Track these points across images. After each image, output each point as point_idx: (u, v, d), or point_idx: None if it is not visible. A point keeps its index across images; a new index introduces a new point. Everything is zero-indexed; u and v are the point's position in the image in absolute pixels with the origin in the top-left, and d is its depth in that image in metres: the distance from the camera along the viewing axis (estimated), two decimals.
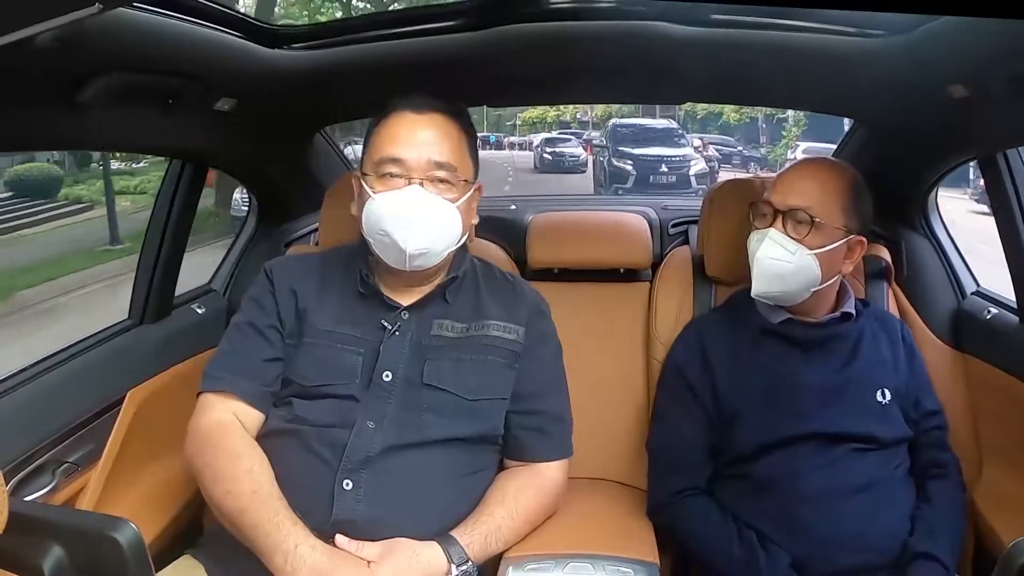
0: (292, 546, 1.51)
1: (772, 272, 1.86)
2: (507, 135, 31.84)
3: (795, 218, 1.84)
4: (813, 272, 1.84)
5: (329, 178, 2.48)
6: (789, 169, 1.97)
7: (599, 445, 2.21)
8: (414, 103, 1.77)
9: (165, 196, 2.24)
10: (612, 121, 21.65)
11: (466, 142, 1.81)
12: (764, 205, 1.91)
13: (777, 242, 1.85)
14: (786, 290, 1.88)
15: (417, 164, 1.72)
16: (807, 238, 1.83)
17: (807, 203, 1.84)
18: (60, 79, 1.50)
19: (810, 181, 1.88)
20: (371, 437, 1.66)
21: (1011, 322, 2.05)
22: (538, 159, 24.87)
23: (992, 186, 2.04)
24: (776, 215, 1.87)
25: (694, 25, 1.77)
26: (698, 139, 23.45)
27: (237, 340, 1.80)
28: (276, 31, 1.88)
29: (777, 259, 1.85)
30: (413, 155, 1.72)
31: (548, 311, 1.95)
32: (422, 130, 1.75)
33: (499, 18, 1.79)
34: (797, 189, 1.87)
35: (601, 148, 20.91)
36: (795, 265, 1.84)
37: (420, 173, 1.72)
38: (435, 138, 1.75)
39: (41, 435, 1.79)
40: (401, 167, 1.72)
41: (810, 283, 1.86)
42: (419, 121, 1.75)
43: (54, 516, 1.05)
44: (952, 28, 1.56)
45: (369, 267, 1.82)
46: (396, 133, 1.75)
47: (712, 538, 1.84)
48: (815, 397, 1.86)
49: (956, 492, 1.91)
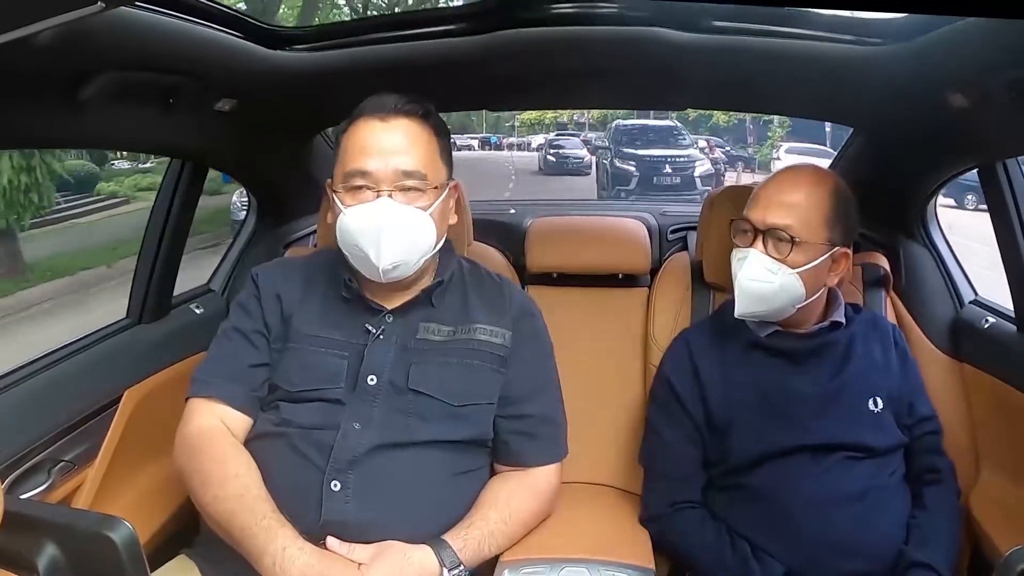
0: (280, 548, 1.50)
1: (754, 293, 1.84)
2: (506, 136, 31.84)
3: (775, 236, 1.82)
4: (796, 290, 1.83)
5: (328, 180, 2.49)
6: (768, 183, 1.91)
7: (596, 450, 2.21)
8: (380, 108, 1.73)
9: (164, 196, 2.24)
10: (615, 122, 20.83)
11: (436, 144, 1.78)
12: (743, 222, 1.88)
13: (758, 263, 1.82)
14: (770, 309, 1.86)
15: (384, 175, 1.69)
16: (788, 257, 1.81)
17: (787, 221, 1.81)
18: (61, 77, 1.50)
19: (789, 196, 1.84)
20: (357, 438, 1.66)
21: (1009, 331, 2.05)
22: (542, 160, 23.80)
23: (991, 196, 2.04)
24: (756, 234, 1.84)
25: (695, 31, 1.77)
26: (704, 140, 22.80)
27: (224, 345, 1.80)
28: (277, 32, 1.88)
29: (759, 280, 1.82)
30: (380, 166, 1.69)
31: (538, 312, 1.94)
32: (388, 139, 1.71)
33: (500, 22, 1.79)
34: (776, 206, 1.83)
35: (603, 149, 20.51)
36: (777, 285, 1.82)
37: (388, 184, 1.69)
38: (403, 146, 1.71)
39: (37, 433, 1.79)
40: (368, 179, 1.69)
41: (794, 301, 1.84)
42: (385, 129, 1.72)
43: (50, 515, 1.04)
44: (951, 36, 1.56)
45: (352, 272, 1.81)
46: (362, 143, 1.72)
47: (706, 549, 1.84)
48: (807, 407, 1.86)
49: (951, 498, 1.90)
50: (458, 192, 1.89)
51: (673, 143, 19.40)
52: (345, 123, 1.77)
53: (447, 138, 1.83)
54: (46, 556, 0.96)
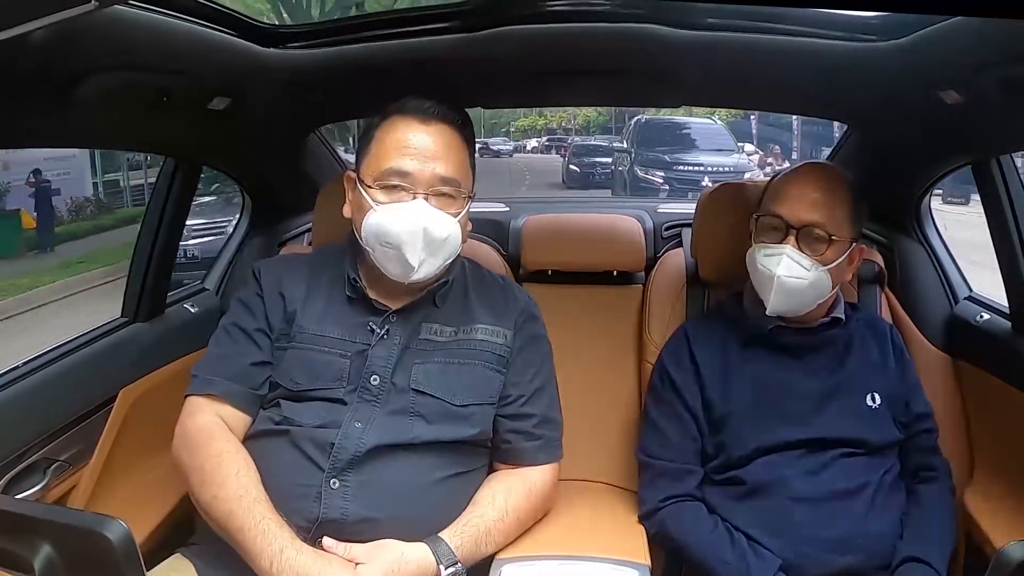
0: (278, 550, 1.50)
1: (791, 290, 1.83)
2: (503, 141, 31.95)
3: (810, 235, 1.82)
4: (825, 285, 1.84)
5: (323, 178, 2.49)
6: (792, 180, 1.91)
7: (592, 448, 2.22)
8: (421, 111, 1.74)
9: (159, 194, 2.24)
10: (636, 118, 16.91)
11: (468, 154, 1.80)
12: (773, 218, 1.87)
13: (795, 260, 1.82)
14: (801, 304, 1.87)
15: (422, 178, 1.70)
16: (824, 254, 1.82)
17: (820, 218, 1.82)
18: (55, 76, 1.49)
19: (819, 194, 1.84)
20: (359, 437, 1.66)
21: (1003, 327, 2.06)
22: (565, 172, 20.86)
23: (985, 192, 2.05)
24: (788, 230, 1.84)
25: (689, 28, 1.76)
26: (751, 145, 19.95)
27: (225, 343, 1.80)
28: (271, 30, 1.87)
29: (796, 277, 1.82)
30: (419, 168, 1.70)
31: (539, 314, 1.94)
32: (429, 143, 1.72)
33: (495, 20, 1.79)
34: (808, 203, 1.83)
35: (621, 153, 17.08)
36: (809, 282, 1.82)
37: (425, 188, 1.70)
38: (442, 152, 1.73)
39: (33, 433, 1.79)
40: (406, 180, 1.70)
41: (820, 296, 1.86)
42: (426, 132, 1.73)
43: (45, 514, 1.04)
44: (944, 34, 1.57)
45: (357, 270, 1.81)
46: (402, 143, 1.72)
47: (703, 543, 1.84)
48: (805, 402, 1.87)
49: (946, 495, 1.91)
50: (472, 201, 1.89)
51: (714, 148, 15.85)
52: (378, 118, 1.78)
53: (474, 148, 1.85)
54: (42, 556, 0.96)
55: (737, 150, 16.34)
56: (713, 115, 16.90)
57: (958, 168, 2.22)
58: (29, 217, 13.16)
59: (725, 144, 15.98)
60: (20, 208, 13.18)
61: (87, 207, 15.33)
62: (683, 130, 16.24)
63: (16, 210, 13.17)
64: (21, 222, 13.10)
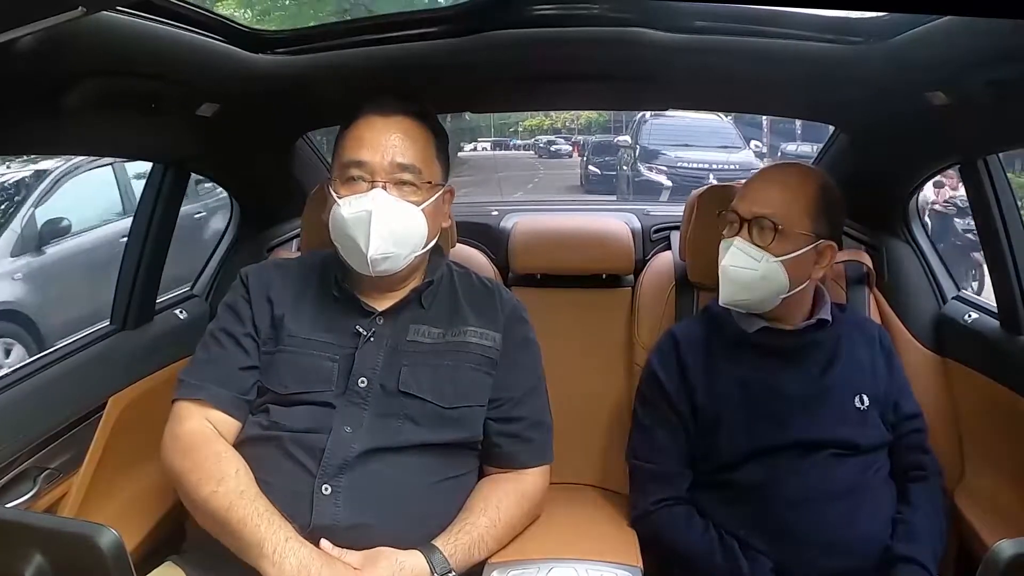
0: (283, 539, 1.51)
1: (737, 280, 1.87)
2: (510, 140, 32.01)
3: (760, 225, 1.85)
4: (780, 279, 1.85)
5: (311, 183, 2.48)
6: (754, 177, 1.97)
7: (582, 451, 2.22)
8: (380, 106, 1.78)
9: (147, 201, 2.23)
10: (641, 114, 15.46)
11: (433, 144, 1.82)
12: (731, 213, 1.92)
13: (741, 250, 1.86)
14: (753, 298, 1.89)
15: (380, 166, 1.72)
16: (772, 245, 1.84)
17: (771, 210, 1.84)
18: (43, 83, 1.49)
19: (774, 188, 1.88)
20: (348, 442, 1.66)
21: (991, 326, 2.07)
22: (584, 175, 18.10)
23: (973, 192, 2.05)
24: (742, 223, 1.88)
25: (676, 31, 1.77)
26: (757, 142, 17.54)
27: (213, 348, 1.79)
28: (259, 35, 1.87)
29: (742, 267, 1.85)
30: (376, 158, 1.72)
31: (527, 317, 1.95)
32: (387, 133, 1.75)
33: (483, 24, 1.79)
34: (761, 197, 1.88)
35: (625, 149, 15.68)
36: (760, 273, 1.84)
37: (383, 176, 1.72)
38: (400, 140, 1.75)
39: (22, 441, 1.78)
40: (364, 169, 1.73)
41: (778, 290, 1.86)
42: (385, 124, 1.76)
43: (35, 522, 1.04)
44: (930, 35, 1.57)
45: (344, 273, 1.82)
46: (361, 136, 1.75)
47: (694, 546, 1.85)
48: (794, 405, 1.87)
49: (936, 495, 1.92)
50: (452, 197, 1.90)
51: (720, 146, 14.84)
52: (346, 123, 1.81)
53: (444, 140, 1.87)
54: (33, 565, 0.95)
55: (744, 146, 15.35)
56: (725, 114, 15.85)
57: (945, 168, 2.24)
58: None
59: (731, 141, 15.15)
60: None
61: None
62: (688, 126, 15.12)
63: None
64: None
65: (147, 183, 2.27)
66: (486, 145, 20.60)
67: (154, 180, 2.24)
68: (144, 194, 2.27)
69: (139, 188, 3.87)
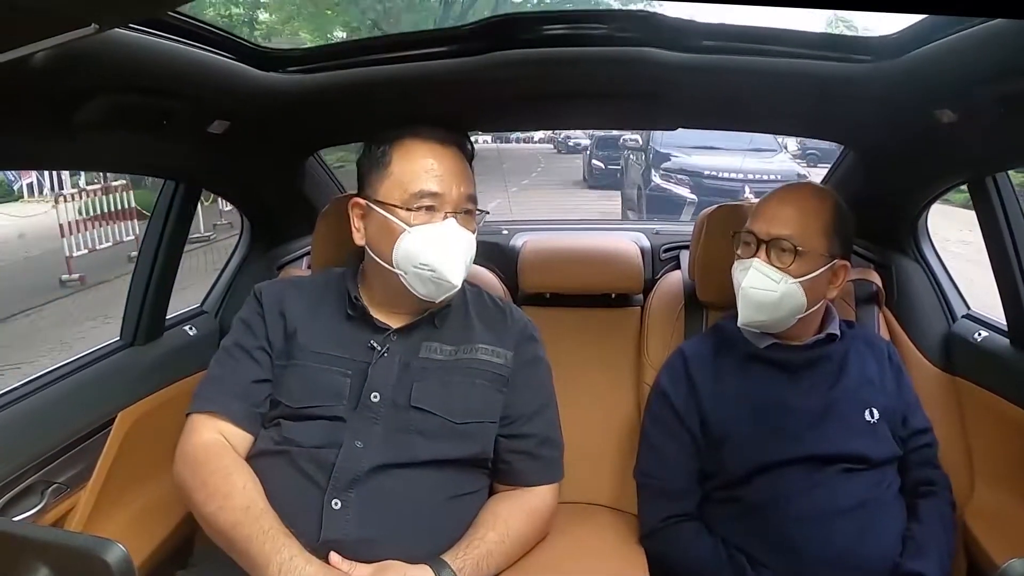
0: (287, 557, 1.51)
1: (757, 302, 1.88)
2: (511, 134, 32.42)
3: (778, 247, 1.86)
4: (798, 300, 1.86)
5: (321, 201, 2.49)
6: (770, 197, 1.97)
7: (591, 470, 2.21)
8: (437, 135, 1.81)
9: (158, 217, 2.25)
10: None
11: (471, 169, 1.86)
12: (747, 234, 1.92)
13: (761, 272, 1.86)
14: (772, 319, 1.89)
15: (451, 198, 1.76)
16: (791, 267, 1.85)
17: (789, 232, 1.85)
18: (55, 99, 1.50)
19: (791, 209, 1.89)
20: (359, 457, 1.66)
21: (1001, 344, 2.06)
22: (587, 169, 18.06)
23: (981, 209, 2.06)
24: (759, 244, 1.88)
25: (685, 51, 1.77)
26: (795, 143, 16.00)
27: (226, 362, 1.80)
28: (270, 54, 1.88)
29: (762, 289, 1.86)
30: (448, 189, 1.76)
31: (538, 336, 1.96)
32: (452, 163, 1.79)
33: (492, 44, 1.79)
34: (779, 218, 1.88)
35: (636, 151, 13.37)
36: (780, 294, 1.85)
37: (453, 207, 1.76)
38: (462, 170, 1.80)
39: (31, 455, 1.79)
40: (437, 200, 1.75)
41: (796, 310, 1.87)
42: (447, 154, 1.80)
43: (43, 536, 1.03)
44: (938, 53, 1.57)
45: (359, 290, 1.83)
46: (428, 166, 1.77)
47: (703, 563, 1.84)
48: (803, 419, 1.87)
49: (945, 510, 1.91)
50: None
51: (750, 148, 12.23)
52: (388, 144, 1.82)
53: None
54: None
55: (779, 148, 13.12)
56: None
57: (954, 187, 2.23)
58: None
59: (764, 142, 12.53)
60: None
61: None
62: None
63: None
64: None
65: (158, 199, 2.28)
66: (487, 138, 20.81)
67: (165, 197, 2.25)
68: (155, 210, 2.28)
69: None
